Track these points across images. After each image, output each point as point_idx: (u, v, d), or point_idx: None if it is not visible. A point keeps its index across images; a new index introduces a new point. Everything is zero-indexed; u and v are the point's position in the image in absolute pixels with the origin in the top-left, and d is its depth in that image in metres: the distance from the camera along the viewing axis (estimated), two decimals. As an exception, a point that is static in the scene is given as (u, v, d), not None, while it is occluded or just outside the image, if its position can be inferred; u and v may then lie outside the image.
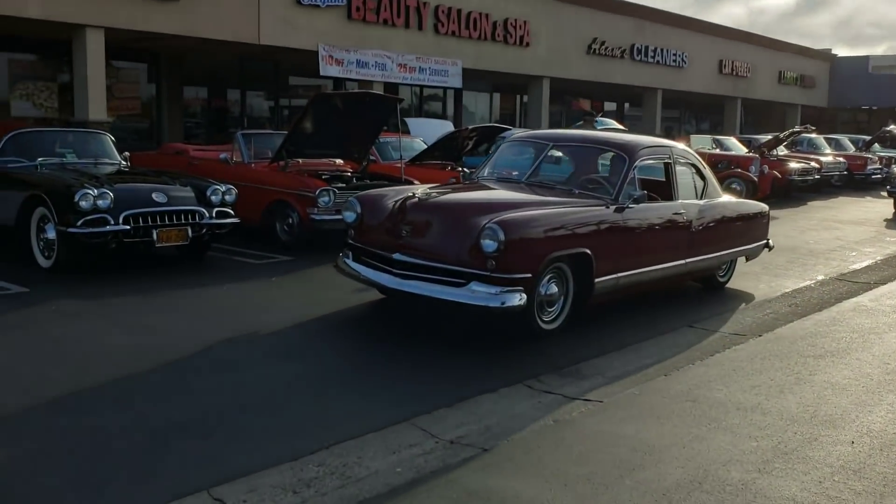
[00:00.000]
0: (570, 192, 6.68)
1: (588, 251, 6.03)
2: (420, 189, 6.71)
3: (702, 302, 7.82)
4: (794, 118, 36.83)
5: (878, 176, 23.35)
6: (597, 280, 6.17)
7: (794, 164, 19.81)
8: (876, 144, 26.51)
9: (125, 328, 6.18)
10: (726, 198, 8.26)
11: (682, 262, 7.21)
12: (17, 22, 13.33)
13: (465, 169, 12.77)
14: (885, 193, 18.68)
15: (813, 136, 24.16)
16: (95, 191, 7.62)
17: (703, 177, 7.75)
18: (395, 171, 10.43)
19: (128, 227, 7.71)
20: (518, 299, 5.54)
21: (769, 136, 22.28)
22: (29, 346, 5.64)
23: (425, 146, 13.43)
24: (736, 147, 21.04)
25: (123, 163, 9.49)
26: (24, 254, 8.11)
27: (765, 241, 8.58)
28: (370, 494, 3.57)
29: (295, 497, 3.54)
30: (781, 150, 21.00)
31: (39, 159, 8.78)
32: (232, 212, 8.65)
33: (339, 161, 11.08)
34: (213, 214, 8.38)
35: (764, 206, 8.71)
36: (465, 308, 5.70)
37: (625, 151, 6.88)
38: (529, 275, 5.65)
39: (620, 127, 16.65)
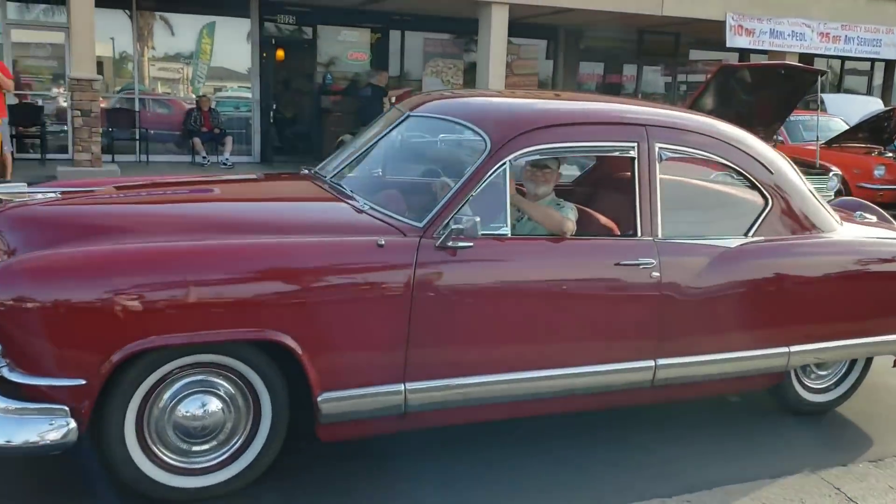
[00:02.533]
0: (355, 209, 3.56)
1: (287, 338, 3.02)
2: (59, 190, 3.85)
3: None
4: None
5: None
6: (323, 396, 3.10)
7: None
8: None
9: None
10: (850, 231, 4.17)
11: (647, 363, 3.59)
12: (432, 1, 14.22)
13: (893, 154, 10.87)
14: None
15: None
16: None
17: (761, 191, 3.90)
18: (808, 155, 9.06)
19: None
20: (51, 429, 2.83)
21: None
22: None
23: (846, 126, 11.80)
24: None
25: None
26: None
27: None
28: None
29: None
30: None
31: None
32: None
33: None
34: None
35: None
36: None
37: (487, 131, 3.51)
38: (82, 381, 2.85)
39: None
